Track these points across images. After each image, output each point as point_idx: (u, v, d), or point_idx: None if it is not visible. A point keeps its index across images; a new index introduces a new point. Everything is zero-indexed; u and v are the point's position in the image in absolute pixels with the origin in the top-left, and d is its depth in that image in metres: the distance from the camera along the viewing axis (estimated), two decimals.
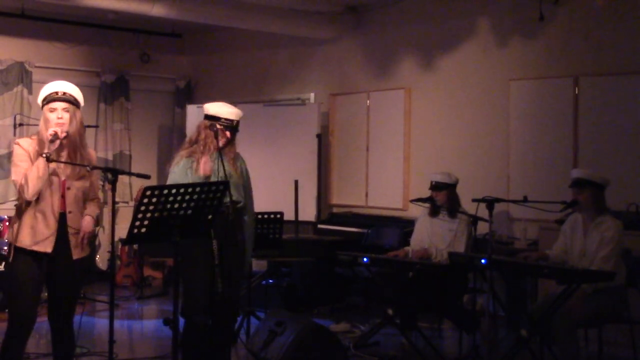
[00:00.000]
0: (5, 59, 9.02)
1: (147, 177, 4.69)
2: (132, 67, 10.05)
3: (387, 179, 8.41)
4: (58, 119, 4.34)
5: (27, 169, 4.27)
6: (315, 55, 9.27)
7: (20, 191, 4.29)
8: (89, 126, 8.73)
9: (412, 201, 6.70)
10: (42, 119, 4.39)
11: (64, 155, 4.40)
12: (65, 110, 4.37)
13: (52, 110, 4.36)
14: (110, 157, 9.83)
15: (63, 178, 4.41)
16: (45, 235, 4.35)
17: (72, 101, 4.43)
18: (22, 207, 4.38)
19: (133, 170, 8.94)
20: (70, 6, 7.91)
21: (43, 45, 9.42)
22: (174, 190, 4.22)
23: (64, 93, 4.41)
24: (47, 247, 4.35)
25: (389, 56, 8.53)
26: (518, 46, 7.45)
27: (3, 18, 8.90)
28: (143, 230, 4.22)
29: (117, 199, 4.67)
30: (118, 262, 8.90)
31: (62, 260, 4.41)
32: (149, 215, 4.18)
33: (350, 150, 8.82)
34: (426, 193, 6.54)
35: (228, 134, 5.11)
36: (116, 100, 9.92)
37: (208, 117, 5.12)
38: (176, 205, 4.23)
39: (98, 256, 9.50)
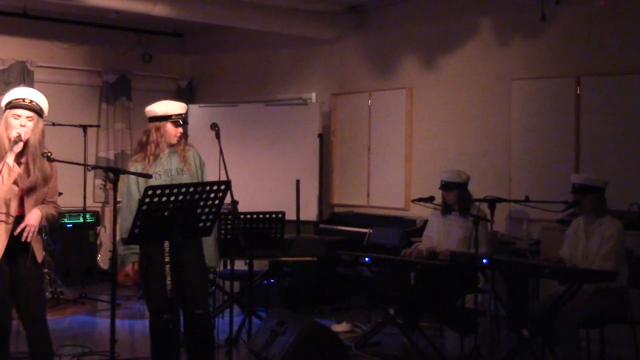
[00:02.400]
0: (7, 58, 9.02)
1: (148, 176, 4.69)
2: (134, 67, 10.05)
3: (388, 178, 8.40)
4: (21, 126, 4.31)
5: None
6: (316, 55, 9.27)
7: None
8: (90, 126, 8.79)
9: (413, 201, 6.68)
10: (2, 123, 4.35)
11: (23, 161, 4.37)
12: (30, 119, 4.34)
13: (16, 116, 4.32)
14: (111, 157, 9.83)
15: (21, 185, 4.36)
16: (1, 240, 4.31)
17: (37, 110, 4.38)
18: None
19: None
20: (72, 6, 7.91)
21: (45, 45, 9.41)
22: (174, 190, 4.22)
23: (31, 101, 4.37)
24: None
25: (391, 56, 8.52)
26: (520, 46, 7.44)
27: (5, 17, 8.90)
28: (144, 230, 4.22)
29: (118, 199, 4.65)
30: (119, 262, 8.88)
31: (18, 261, 4.39)
32: (150, 215, 4.17)
33: (351, 150, 8.81)
34: (428, 192, 6.52)
35: (181, 129, 5.06)
36: (118, 100, 9.92)
37: (157, 118, 5.05)
38: (177, 205, 4.23)
39: (99, 256, 9.51)
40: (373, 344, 6.28)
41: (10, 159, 4.25)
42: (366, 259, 6.05)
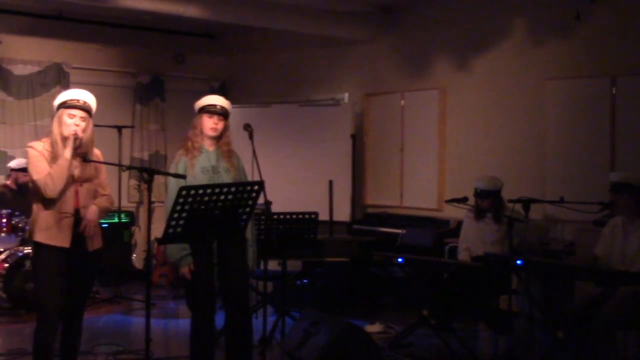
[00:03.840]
0: (43, 60, 9.13)
1: (182, 177, 4.72)
2: (167, 68, 10.12)
3: (421, 179, 8.37)
4: (75, 125, 4.57)
5: (49, 168, 4.49)
6: (349, 55, 9.26)
7: (43, 190, 4.47)
8: (124, 126, 8.85)
9: (447, 201, 6.67)
10: (56, 121, 4.61)
11: (77, 160, 4.62)
12: (83, 119, 4.61)
13: (71, 116, 4.58)
14: (145, 158, 9.91)
15: (75, 178, 4.61)
16: (62, 231, 4.55)
17: (89, 111, 4.67)
18: (39, 204, 4.57)
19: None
20: (107, 8, 7.98)
21: (80, 47, 9.52)
22: (209, 190, 4.25)
23: (85, 102, 4.65)
24: (64, 242, 4.55)
25: (423, 56, 8.49)
26: (553, 45, 7.38)
27: (41, 20, 9.00)
28: (178, 230, 4.26)
29: (152, 199, 4.71)
30: (154, 262, 8.95)
31: (79, 254, 4.61)
32: (184, 215, 4.21)
33: (384, 151, 8.79)
34: (461, 193, 6.50)
35: (215, 119, 5.04)
36: (151, 101, 9.99)
37: (198, 112, 5.11)
38: (211, 205, 4.26)
39: (134, 255, 9.59)
40: (406, 344, 6.26)
41: (69, 153, 4.51)
42: (399, 259, 6.04)
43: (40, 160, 4.53)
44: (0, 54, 8.78)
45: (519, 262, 5.18)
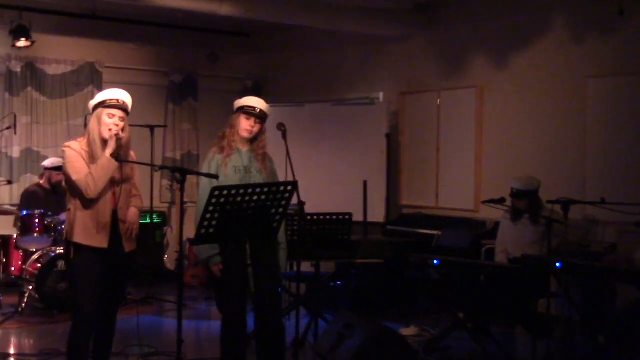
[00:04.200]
0: (77, 59, 9.23)
1: (215, 177, 4.74)
2: (200, 67, 10.16)
3: (458, 179, 8.33)
4: (115, 125, 4.62)
5: (87, 168, 4.53)
6: (384, 53, 9.24)
7: (84, 190, 4.51)
8: (157, 126, 8.91)
9: (484, 202, 6.63)
10: (94, 120, 4.64)
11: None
12: (122, 119, 4.67)
13: (111, 116, 4.63)
14: (178, 157, 9.97)
15: (114, 179, 4.65)
16: (100, 231, 4.59)
17: (127, 111, 4.74)
18: (77, 205, 4.61)
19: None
20: (140, 6, 8.05)
21: (113, 46, 9.60)
22: (241, 190, 4.26)
23: (123, 102, 4.71)
24: (102, 243, 4.60)
25: (460, 54, 8.45)
26: (595, 42, 7.29)
27: (74, 19, 9.08)
28: (211, 230, 4.27)
29: (185, 199, 4.72)
30: (186, 263, 9.01)
31: (115, 255, 4.66)
32: (217, 215, 4.22)
33: (420, 150, 8.76)
34: (499, 193, 6.46)
35: (252, 121, 5.04)
36: (184, 100, 10.05)
37: (235, 111, 5.13)
38: (244, 205, 4.27)
39: (166, 256, 9.65)
40: (442, 348, 6.23)
41: (110, 152, 4.56)
42: (435, 261, 6.02)
43: (78, 160, 4.57)
44: (33, 54, 8.87)
45: (558, 264, 5.14)
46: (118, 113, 4.64)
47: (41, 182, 8.06)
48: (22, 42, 8.41)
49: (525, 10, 7.85)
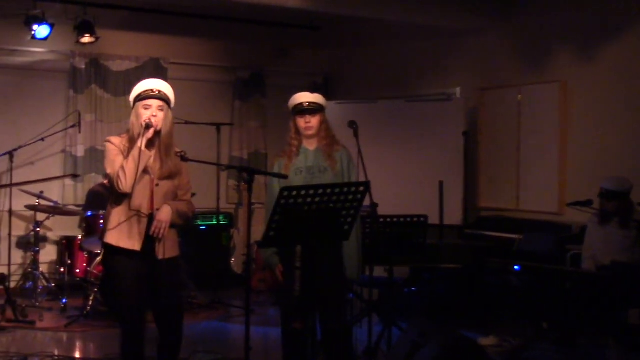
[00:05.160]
0: (141, 55, 9.37)
1: (284, 176, 4.74)
2: (268, 62, 10.22)
3: (540, 180, 8.20)
4: (152, 116, 4.47)
5: (123, 161, 4.43)
6: (461, 46, 9.16)
7: (115, 184, 4.42)
8: (223, 124, 8.99)
9: (569, 205, 6.52)
10: (133, 115, 4.53)
11: (154, 152, 4.53)
12: (160, 108, 4.51)
13: (147, 107, 4.49)
14: (245, 157, 10.04)
15: (152, 175, 4.54)
16: (133, 233, 4.49)
17: (166, 100, 4.55)
18: (113, 202, 4.54)
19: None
20: (206, 0, 8.12)
21: (178, 41, 9.71)
22: (311, 191, 4.24)
23: (159, 91, 4.54)
24: (135, 245, 4.49)
25: (542, 46, 8.31)
26: None
27: (139, 14, 9.20)
28: (280, 233, 4.26)
29: (252, 200, 4.69)
30: (253, 266, 9.06)
31: (151, 260, 4.53)
32: (285, 216, 4.21)
33: (499, 149, 8.66)
34: (585, 195, 6.33)
35: (307, 117, 5.02)
36: (251, 97, 10.11)
37: (291, 112, 5.12)
38: (314, 207, 4.25)
39: (233, 259, 9.73)
40: None
41: (143, 144, 4.41)
42: (516, 267, 5.94)
43: (116, 155, 4.48)
44: (97, 50, 9.04)
45: None
46: (155, 103, 4.49)
47: (105, 182, 8.19)
48: (86, 38, 8.56)
49: None
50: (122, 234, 4.49)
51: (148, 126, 4.42)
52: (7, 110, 8.85)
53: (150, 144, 4.50)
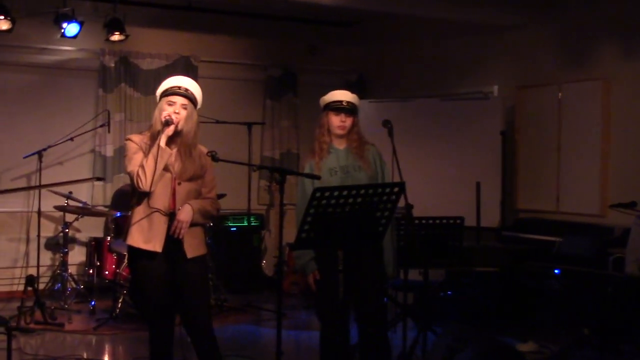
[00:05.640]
0: (171, 53, 9.41)
1: (317, 177, 4.73)
2: (300, 60, 10.22)
3: (581, 181, 8.12)
4: (175, 113, 4.46)
5: (142, 159, 4.43)
6: (499, 43, 9.09)
7: (135, 182, 4.42)
8: (255, 123, 9.00)
9: (611, 206, 6.45)
10: (157, 110, 4.54)
11: (174, 150, 4.52)
12: (184, 107, 4.50)
13: (171, 103, 4.49)
14: (277, 157, 10.05)
15: (174, 174, 4.53)
16: (154, 233, 4.48)
17: (192, 99, 4.54)
18: (134, 202, 4.54)
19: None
20: None
21: (208, 39, 9.75)
22: (344, 192, 4.23)
23: (186, 89, 4.53)
24: (156, 246, 4.48)
25: (584, 42, 8.23)
26: None
27: (169, 11, 9.25)
28: (312, 234, 4.25)
29: (284, 201, 4.67)
30: (285, 268, 9.07)
31: (176, 260, 4.52)
32: (318, 218, 4.19)
33: (538, 149, 8.59)
34: (628, 197, 6.27)
35: (342, 116, 5.01)
36: (283, 96, 10.12)
37: (322, 109, 5.12)
38: (347, 208, 4.23)
39: (264, 262, 9.74)
40: None
41: (162, 141, 4.42)
42: (556, 271, 5.90)
43: (135, 152, 4.49)
44: (127, 48, 9.10)
45: None
46: (179, 100, 4.48)
47: None
48: (116, 36, 8.61)
49: None
50: (142, 234, 4.49)
51: (167, 123, 4.43)
52: (36, 110, 8.94)
53: (171, 142, 4.51)
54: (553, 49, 8.57)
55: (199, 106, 4.61)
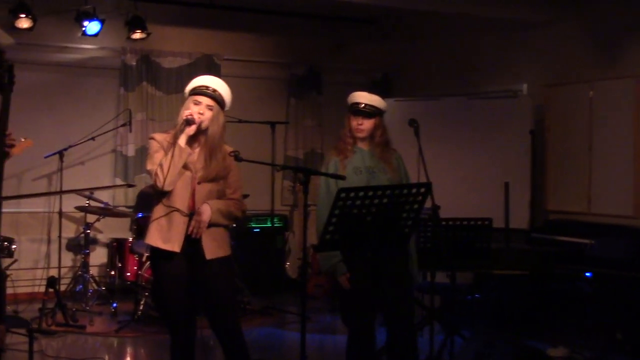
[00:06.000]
0: (194, 52, 9.43)
1: (341, 177, 4.72)
2: (324, 58, 10.20)
3: (614, 181, 8.05)
4: (199, 113, 4.45)
5: (162, 157, 4.42)
6: (528, 40, 9.04)
7: (154, 180, 4.43)
8: (278, 122, 8.99)
9: None
10: (183, 108, 4.53)
11: (196, 152, 4.52)
12: (209, 107, 4.48)
13: (197, 103, 4.47)
14: (300, 156, 10.04)
15: (194, 174, 4.51)
16: (172, 233, 4.47)
17: (219, 100, 4.52)
18: (155, 202, 4.53)
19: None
20: None
21: (231, 37, 9.75)
22: (370, 192, 4.21)
23: (214, 90, 4.51)
24: (174, 247, 4.46)
25: (616, 39, 8.16)
26: None
27: (192, 9, 9.27)
28: (337, 236, 4.23)
29: (309, 202, 4.65)
30: (309, 271, 9.06)
31: (196, 261, 4.51)
32: (343, 219, 4.17)
33: (569, 149, 8.52)
34: None
35: (359, 119, 5.00)
36: (307, 94, 10.11)
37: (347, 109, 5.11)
38: (372, 209, 4.21)
39: (288, 263, 9.73)
40: None
41: (182, 140, 4.41)
42: (587, 274, 5.84)
43: (156, 150, 4.49)
44: (149, 46, 9.12)
45: None
46: (205, 100, 4.46)
47: None
48: (137, 34, 8.65)
49: None
50: (161, 234, 4.48)
51: (189, 122, 4.41)
52: (57, 109, 8.99)
53: (193, 142, 4.50)
54: (584, 46, 8.50)
55: (226, 108, 4.60)
